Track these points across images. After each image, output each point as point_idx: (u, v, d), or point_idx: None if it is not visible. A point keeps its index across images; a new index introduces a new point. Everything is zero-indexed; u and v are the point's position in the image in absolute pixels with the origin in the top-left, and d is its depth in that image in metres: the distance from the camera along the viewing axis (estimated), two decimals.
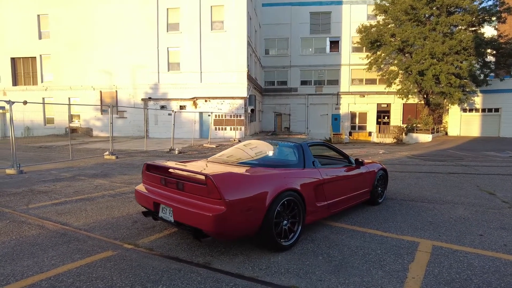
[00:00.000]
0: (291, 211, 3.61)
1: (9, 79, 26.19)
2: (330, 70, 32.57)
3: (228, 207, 3.02)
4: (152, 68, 24.49)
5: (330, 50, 32.61)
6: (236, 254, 3.47)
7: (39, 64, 25.80)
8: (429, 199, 5.90)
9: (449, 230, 4.25)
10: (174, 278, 2.93)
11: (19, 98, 25.05)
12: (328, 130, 32.22)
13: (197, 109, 24.35)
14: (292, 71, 33.66)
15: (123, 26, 24.37)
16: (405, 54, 25.25)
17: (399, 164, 10.44)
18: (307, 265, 3.20)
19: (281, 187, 3.43)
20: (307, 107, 33.77)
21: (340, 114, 32.67)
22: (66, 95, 25.33)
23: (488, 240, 3.90)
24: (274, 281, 2.89)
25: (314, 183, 3.97)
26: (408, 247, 3.67)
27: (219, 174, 3.18)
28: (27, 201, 5.65)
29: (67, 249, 3.60)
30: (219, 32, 23.78)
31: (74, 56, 25.10)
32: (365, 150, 15.64)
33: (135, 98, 25.15)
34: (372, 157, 12.58)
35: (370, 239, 3.90)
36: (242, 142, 5.05)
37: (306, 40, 33.02)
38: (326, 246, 3.70)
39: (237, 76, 23.70)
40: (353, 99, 31.80)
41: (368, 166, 5.24)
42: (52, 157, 12.44)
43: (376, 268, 3.13)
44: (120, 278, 2.92)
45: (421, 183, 7.32)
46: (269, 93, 34.12)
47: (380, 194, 5.52)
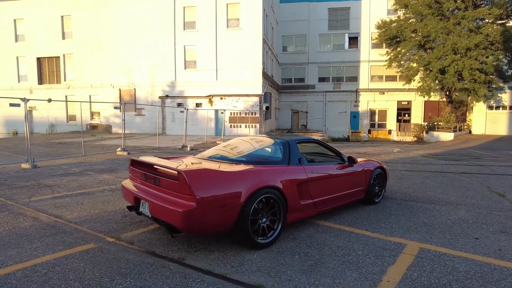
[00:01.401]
0: (271, 209, 3.55)
1: (35, 78, 27.41)
2: (349, 67, 31.91)
3: (199, 203, 3.00)
4: (169, 66, 24.91)
5: (349, 47, 31.94)
6: (212, 250, 3.45)
7: (63, 63, 26.84)
8: (431, 199, 5.65)
9: (443, 232, 4.04)
10: (143, 272, 2.94)
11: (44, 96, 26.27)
12: (346, 128, 31.64)
13: (213, 107, 24.55)
14: (309, 68, 33.27)
15: (142, 25, 24.89)
16: (426, 50, 24.33)
17: (410, 163, 10.07)
18: (280, 264, 3.13)
19: (258, 184, 3.37)
20: (325, 104, 33.30)
21: (359, 111, 31.98)
22: (87, 93, 26.22)
23: (483, 244, 3.67)
24: (242, 279, 2.85)
25: (298, 180, 3.88)
26: (393, 249, 3.52)
27: (191, 170, 3.16)
28: (31, 194, 5.88)
29: (52, 240, 3.71)
30: (234, 29, 23.83)
31: (94, 55, 25.91)
32: (379, 149, 15.22)
33: (153, 96, 25.65)
34: (385, 155, 12.22)
35: (355, 240, 3.77)
36: (237, 139, 5.01)
37: (324, 37, 32.49)
38: (306, 245, 3.61)
39: (252, 74, 23.68)
40: (373, 96, 31.03)
41: (363, 164, 5.07)
42: (68, 152, 12.90)
43: (352, 270, 3.02)
44: (91, 271, 2.97)
45: (427, 183, 7.02)
46: (286, 91, 33.88)
47: (377, 193, 5.33)
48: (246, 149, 4.47)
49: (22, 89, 27.41)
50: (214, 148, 4.73)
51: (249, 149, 4.46)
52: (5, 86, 27.53)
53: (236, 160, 4.02)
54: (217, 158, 4.13)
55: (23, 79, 27.87)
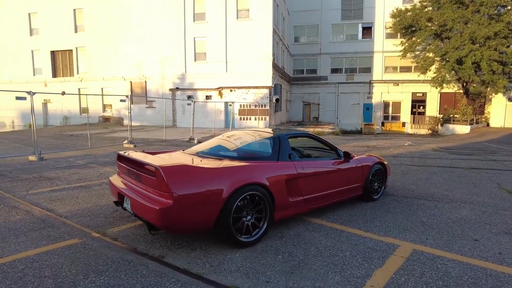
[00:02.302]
0: (256, 206, 3.43)
1: (49, 71, 27.94)
2: (362, 58, 31.13)
3: (176, 200, 2.90)
4: (179, 58, 24.89)
5: (362, 37, 31.11)
6: (195, 248, 3.36)
7: (75, 56, 27.22)
8: (434, 196, 5.40)
9: (441, 232, 3.83)
10: (120, 270, 2.89)
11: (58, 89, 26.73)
12: (359, 120, 30.99)
13: (223, 99, 24.46)
14: (322, 59, 32.64)
15: (152, 18, 24.89)
16: (442, 40, 23.41)
17: (419, 158, 9.72)
18: (261, 264, 3.01)
19: (242, 181, 3.25)
20: (337, 96, 32.70)
21: (373, 103, 31.26)
22: (99, 86, 26.56)
23: (482, 246, 3.45)
24: (218, 279, 2.75)
25: (287, 177, 3.74)
26: (383, 250, 3.34)
27: (168, 166, 3.06)
28: (30, 187, 5.94)
29: (38, 235, 3.70)
30: (244, 20, 23.53)
31: (106, 48, 26.14)
32: (390, 142, 14.81)
33: (163, 88, 25.75)
34: (394, 149, 11.86)
35: (345, 239, 3.61)
36: (230, 132, 4.86)
37: (337, 27, 31.73)
38: (293, 244, 3.47)
39: (262, 65, 23.41)
40: (386, 88, 30.24)
41: (361, 159, 4.86)
42: (76, 145, 13.09)
43: (335, 273, 2.87)
44: (69, 267, 2.93)
45: (433, 179, 6.73)
46: (297, 82, 33.41)
47: (377, 190, 5.12)
48: (237, 144, 4.34)
49: (37, 82, 28.01)
50: (206, 142, 4.62)
51: (240, 144, 4.32)
52: (21, 79, 28.18)
53: (223, 155, 3.90)
54: (205, 153, 4.02)
55: (38, 72, 28.45)
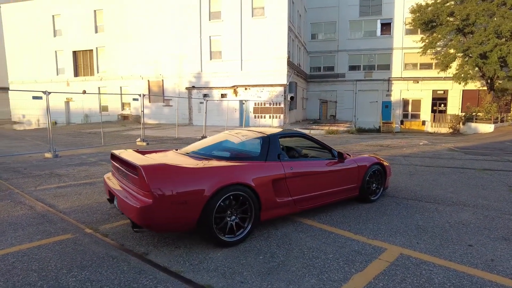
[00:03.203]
0: (241, 206, 3.44)
1: (71, 71, 28.96)
2: (381, 54, 30.40)
3: (155, 199, 2.95)
4: (195, 57, 25.17)
5: (381, 33, 30.36)
6: (179, 246, 3.41)
7: (95, 56, 28.07)
8: (437, 198, 5.22)
9: (434, 237, 3.71)
10: (102, 266, 2.98)
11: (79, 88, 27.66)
12: (378, 118, 30.35)
13: (238, 97, 24.57)
14: (339, 56, 32.14)
15: (169, 17, 25.28)
16: (465, 35, 22.48)
17: (431, 158, 9.40)
18: (240, 264, 3.02)
19: (225, 181, 3.26)
20: (355, 93, 32.13)
21: (391, 101, 30.50)
22: (118, 84, 27.29)
23: (474, 252, 3.31)
24: (194, 278, 2.78)
25: (274, 177, 3.72)
26: (369, 253, 3.27)
27: (149, 165, 3.11)
28: (39, 183, 6.20)
29: (35, 230, 3.87)
30: (259, 18, 23.49)
31: (124, 47, 26.80)
32: (405, 141, 14.41)
33: (180, 87, 26.13)
34: (408, 148, 11.53)
35: (332, 241, 3.56)
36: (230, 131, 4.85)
37: (355, 23, 31.12)
38: (277, 244, 3.46)
39: (277, 63, 23.31)
40: (406, 85, 29.41)
41: (357, 160, 4.76)
42: (92, 142, 13.53)
43: (312, 275, 2.84)
44: (55, 262, 3.05)
45: (440, 180, 6.51)
46: (314, 80, 33.07)
47: (374, 191, 5.01)
48: (228, 144, 4.36)
49: (60, 81, 29.12)
50: (200, 142, 4.66)
51: (231, 144, 4.34)
52: (46, 79, 29.38)
53: (212, 155, 3.92)
54: (195, 153, 4.06)
55: (61, 72, 29.56)
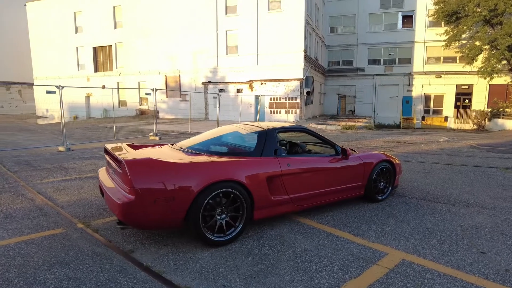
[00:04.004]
0: (232, 204, 3.26)
1: (91, 66, 29.60)
2: (402, 48, 29.31)
3: (138, 195, 2.82)
4: (211, 52, 25.10)
5: (402, 26, 29.23)
6: (167, 244, 3.28)
7: (114, 51, 28.54)
8: (451, 199, 4.86)
9: (443, 241, 3.40)
10: (84, 263, 2.88)
11: (99, 83, 28.21)
12: (398, 114, 29.41)
13: (253, 92, 24.37)
14: (359, 49, 31.26)
15: (186, 12, 25.29)
16: (492, 26, 21.24)
17: (449, 155, 8.89)
18: (226, 266, 2.85)
19: (214, 177, 3.09)
20: (374, 88, 31.21)
21: (412, 96, 29.40)
22: (136, 80, 27.66)
23: (487, 261, 3.00)
24: (175, 279, 2.64)
25: (269, 174, 3.51)
26: (368, 258, 3.03)
27: (133, 160, 2.98)
28: (45, 176, 6.26)
29: (29, 223, 3.84)
30: (276, 12, 23.11)
31: (142, 42, 27.08)
32: (424, 137, 13.78)
33: (196, 82, 26.19)
34: (426, 145, 10.98)
35: (328, 243, 3.33)
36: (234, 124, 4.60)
37: (375, 16, 30.11)
38: (269, 245, 3.27)
39: (293, 57, 22.91)
40: (428, 80, 28.25)
41: (363, 157, 4.47)
42: (106, 136, 13.71)
43: (301, 281, 2.64)
44: (39, 257, 2.98)
45: (457, 179, 6.09)
46: (332, 74, 32.37)
47: (382, 190, 4.71)
48: (225, 138, 4.18)
49: (80, 77, 29.84)
50: (197, 136, 4.51)
51: (228, 138, 4.16)
52: (67, 74, 30.19)
53: (206, 150, 3.75)
54: (190, 148, 3.90)
55: (81, 67, 30.27)
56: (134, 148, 3.96)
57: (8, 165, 7.38)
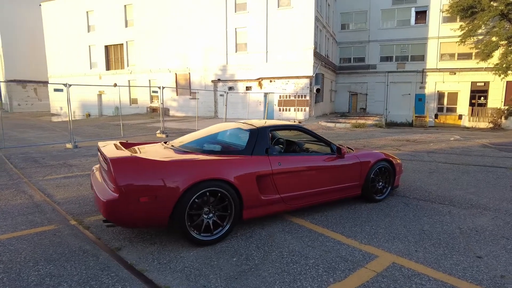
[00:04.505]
0: (219, 203, 3.22)
1: (103, 65, 30.03)
2: (415, 45, 28.64)
3: (122, 193, 2.81)
4: (221, 49, 25.11)
5: (415, 22, 28.55)
6: (155, 242, 3.27)
7: (125, 50, 28.86)
8: (454, 200, 4.69)
9: (438, 244, 3.28)
10: (70, 260, 2.89)
11: (110, 81, 28.58)
12: (410, 112, 28.83)
13: (263, 90, 24.27)
14: (370, 46, 30.73)
15: (195, 10, 25.34)
16: (510, 21, 20.51)
17: (458, 154, 8.62)
18: (210, 266, 2.81)
19: (200, 176, 3.05)
20: (386, 86, 30.67)
21: (425, 94, 28.76)
22: (147, 78, 27.93)
23: (482, 266, 2.87)
24: (156, 278, 2.61)
25: (259, 173, 3.45)
26: (356, 261, 2.94)
27: (118, 158, 2.97)
28: (48, 173, 6.36)
29: (24, 219, 3.89)
30: (285, 9, 22.93)
31: (152, 40, 27.28)
32: (434, 136, 13.43)
33: (206, 79, 26.25)
34: (435, 144, 10.69)
35: (318, 244, 3.25)
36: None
37: (387, 12, 29.51)
38: (257, 245, 3.21)
39: (303, 54, 22.70)
40: (441, 77, 27.54)
41: (359, 156, 4.36)
42: (114, 134, 13.88)
43: (283, 283, 2.57)
44: (27, 254, 3.01)
45: (462, 179, 5.89)
46: (344, 71, 31.96)
47: (381, 190, 4.58)
48: (218, 136, 4.14)
49: (93, 75, 30.32)
50: (191, 134, 4.48)
51: (220, 136, 4.12)
52: (80, 72, 30.73)
53: (196, 149, 3.71)
54: (181, 146, 3.86)
55: (94, 66, 30.75)
56: (127, 146, 3.96)
57: (15, 162, 7.54)
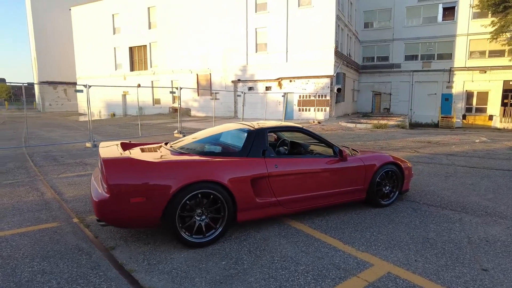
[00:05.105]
0: (212, 205, 3.19)
1: (128, 66, 30.94)
2: (442, 42, 27.48)
3: (112, 194, 2.84)
4: (241, 50, 25.20)
5: (442, 19, 27.38)
6: (149, 242, 3.29)
7: (149, 51, 29.59)
8: (467, 207, 4.42)
9: (442, 254, 3.09)
10: (64, 257, 2.96)
11: (134, 82, 29.38)
12: (436, 112, 27.75)
13: (282, 90, 24.14)
14: (394, 45, 29.83)
15: (216, 11, 25.57)
16: None
17: (480, 157, 8.14)
18: (197, 269, 2.79)
19: (192, 177, 3.04)
20: (411, 85, 29.66)
21: (453, 93, 27.54)
22: (169, 78, 28.48)
23: (486, 280, 2.67)
24: (142, 279, 2.62)
25: (254, 175, 3.39)
26: (349, 269, 2.82)
27: (111, 159, 3.01)
28: (63, 171, 6.60)
29: (30, 216, 4.04)
30: (306, 8, 22.68)
31: (175, 42, 27.79)
32: (459, 137, 12.80)
33: (226, 80, 26.44)
34: (458, 146, 10.17)
35: (312, 250, 3.15)
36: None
37: (413, 9, 28.50)
38: (249, 249, 3.16)
39: (323, 54, 22.37)
40: (470, 76, 26.25)
41: (364, 158, 4.20)
42: (133, 133, 14.24)
43: None
44: (26, 250, 3.11)
45: (481, 184, 5.55)
46: (367, 71, 31.23)
47: (387, 194, 4.40)
48: (217, 138, 4.11)
49: (118, 76, 31.31)
50: (192, 135, 4.49)
51: (220, 138, 4.09)
52: (105, 74, 31.82)
53: (194, 150, 3.70)
54: (180, 148, 3.87)
55: (118, 67, 31.76)
56: (129, 146, 4.03)
57: (36, 160, 7.89)
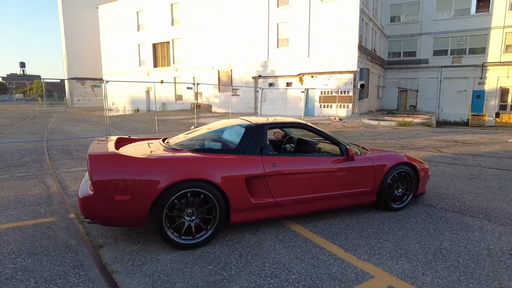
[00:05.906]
0: (203, 205, 3.01)
1: (151, 62, 31.46)
2: (474, 36, 25.93)
3: (96, 190, 2.72)
4: (262, 45, 24.94)
5: (476, 11, 25.80)
6: (138, 242, 3.16)
7: (171, 47, 29.92)
8: (490, 213, 4.00)
9: (455, 267, 2.75)
10: (50, 255, 2.89)
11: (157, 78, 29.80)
12: (466, 110, 26.35)
13: (303, 85, 23.69)
14: (422, 39, 28.51)
15: (238, 7, 25.44)
16: None
17: (510, 158, 7.49)
18: (181, 273, 2.62)
19: (180, 176, 2.87)
20: (439, 81, 28.28)
21: (485, 90, 25.99)
22: (191, 75, 28.70)
23: None
24: (121, 281, 2.49)
25: (249, 174, 3.18)
26: (346, 280, 2.55)
27: (96, 154, 2.89)
28: (74, 165, 6.67)
29: (30, 210, 4.04)
30: (329, 2, 22.06)
31: (197, 38, 27.94)
32: (489, 137, 11.95)
33: (247, 76, 26.29)
34: (486, 146, 9.46)
35: (308, 257, 2.90)
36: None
37: (443, 2, 27.06)
38: (239, 253, 2.95)
39: (347, 49, 21.70)
40: (506, 71, 24.62)
41: (374, 158, 3.86)
42: (151, 129, 14.38)
43: None
44: (14, 245, 3.07)
45: (509, 189, 5.03)
46: (392, 66, 30.08)
47: (400, 197, 4.05)
48: (216, 134, 3.92)
49: (141, 72, 31.92)
50: (191, 131, 4.34)
51: (219, 134, 3.90)
52: (130, 70, 32.53)
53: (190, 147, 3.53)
54: (176, 144, 3.71)
55: (142, 63, 32.38)
56: (126, 141, 3.93)
57: (52, 154, 8.06)
